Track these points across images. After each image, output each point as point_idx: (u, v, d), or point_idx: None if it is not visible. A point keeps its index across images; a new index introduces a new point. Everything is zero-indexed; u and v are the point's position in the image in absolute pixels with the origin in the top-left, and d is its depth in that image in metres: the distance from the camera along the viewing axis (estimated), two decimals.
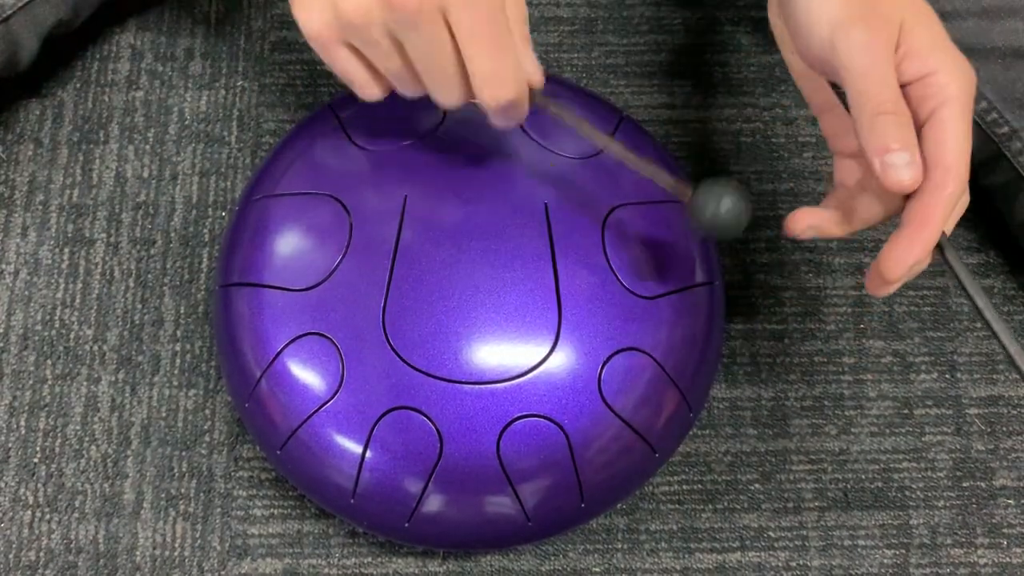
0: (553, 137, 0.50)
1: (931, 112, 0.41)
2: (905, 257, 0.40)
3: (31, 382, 0.59)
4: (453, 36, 0.39)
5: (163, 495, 0.57)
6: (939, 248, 0.42)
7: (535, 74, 0.42)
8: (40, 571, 0.55)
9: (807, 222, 0.44)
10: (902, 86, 0.41)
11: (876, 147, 0.40)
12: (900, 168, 0.40)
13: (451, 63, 0.40)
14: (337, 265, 0.47)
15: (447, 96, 0.41)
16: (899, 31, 0.41)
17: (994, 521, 0.58)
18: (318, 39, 0.40)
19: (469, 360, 0.45)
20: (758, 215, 0.64)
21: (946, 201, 0.40)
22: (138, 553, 0.56)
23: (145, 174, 0.63)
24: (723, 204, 0.41)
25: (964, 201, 0.42)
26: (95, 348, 0.59)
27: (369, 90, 0.43)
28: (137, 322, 0.60)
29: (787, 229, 0.44)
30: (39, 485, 0.57)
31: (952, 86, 0.41)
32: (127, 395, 0.58)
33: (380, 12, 0.38)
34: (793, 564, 0.56)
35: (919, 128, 0.41)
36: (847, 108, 0.42)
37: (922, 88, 0.41)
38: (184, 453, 0.57)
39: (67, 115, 0.64)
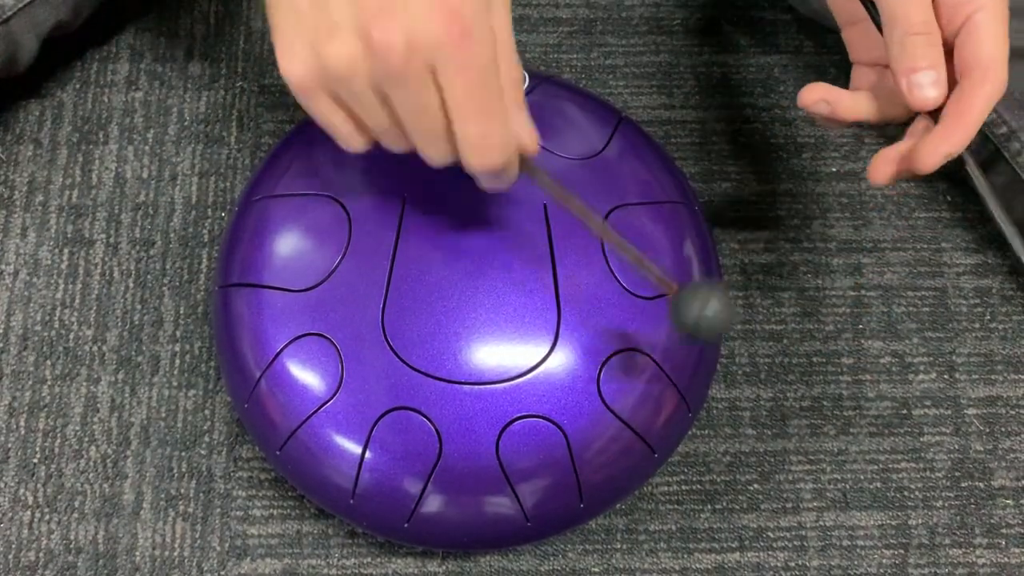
0: (553, 137, 0.50)
1: (966, 18, 0.42)
2: (941, 147, 0.43)
3: (31, 382, 0.59)
4: (443, 96, 0.36)
5: (163, 495, 0.57)
6: (961, 156, 0.44)
7: (528, 140, 0.40)
8: (40, 571, 0.55)
9: (820, 94, 0.46)
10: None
11: (904, 67, 0.43)
12: (926, 87, 0.42)
13: (438, 124, 0.37)
14: (336, 266, 0.47)
15: (434, 155, 0.39)
16: None
17: (992, 521, 0.58)
18: (300, 87, 0.37)
19: (468, 360, 0.45)
20: (758, 216, 0.64)
21: (984, 98, 0.42)
22: (138, 553, 0.56)
23: (144, 175, 0.63)
24: (708, 308, 0.40)
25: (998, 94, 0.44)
26: (95, 349, 0.59)
27: (352, 142, 0.41)
28: (137, 323, 0.60)
29: (800, 99, 0.46)
30: (39, 485, 0.57)
31: (988, 6, 0.42)
32: (127, 395, 0.58)
33: (365, 64, 0.36)
34: (792, 564, 0.56)
35: (955, 34, 0.43)
36: (875, 24, 0.44)
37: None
38: (184, 453, 0.57)
39: (67, 116, 0.64)
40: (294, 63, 0.37)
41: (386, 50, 0.35)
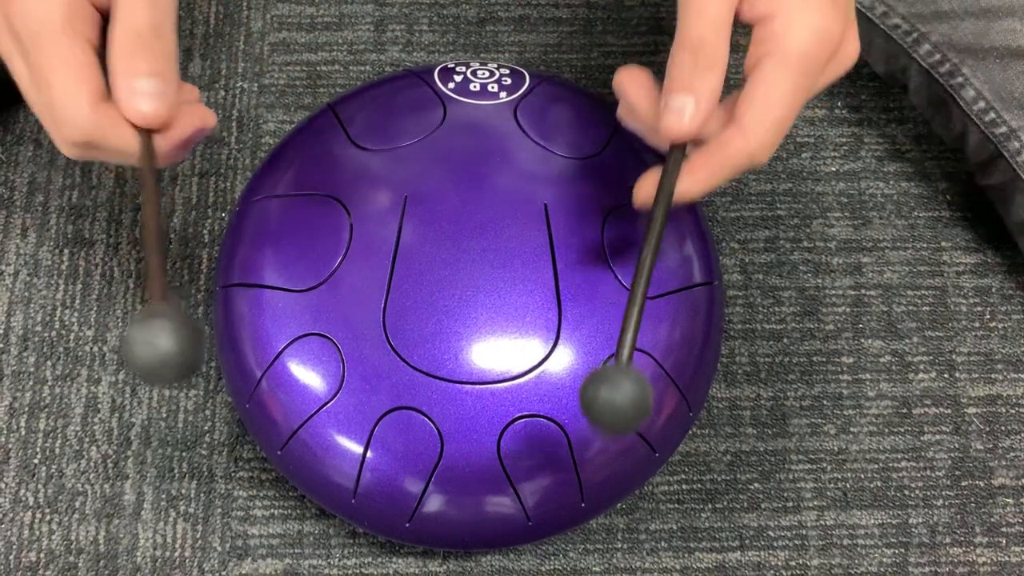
0: (553, 137, 0.50)
1: (757, 61, 0.36)
2: (684, 181, 0.37)
3: (31, 383, 0.59)
4: None
5: (163, 496, 0.57)
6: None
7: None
8: (41, 572, 0.55)
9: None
10: (746, 24, 0.37)
11: (666, 84, 0.36)
12: (673, 112, 0.36)
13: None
14: (337, 266, 0.47)
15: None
16: None
17: (993, 520, 0.58)
18: None
19: (469, 360, 0.45)
20: (757, 215, 0.64)
21: (733, 154, 0.36)
22: (138, 554, 0.56)
23: None
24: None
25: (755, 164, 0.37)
26: (95, 349, 0.59)
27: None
28: None
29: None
30: (39, 486, 0.57)
31: (787, 38, 0.36)
32: (127, 396, 0.58)
33: None
34: (792, 563, 0.56)
35: (750, 70, 0.37)
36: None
37: (760, 31, 0.36)
38: (184, 454, 0.57)
39: None
40: None
41: None
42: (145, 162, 0.37)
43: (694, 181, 0.37)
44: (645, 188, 0.40)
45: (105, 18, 0.38)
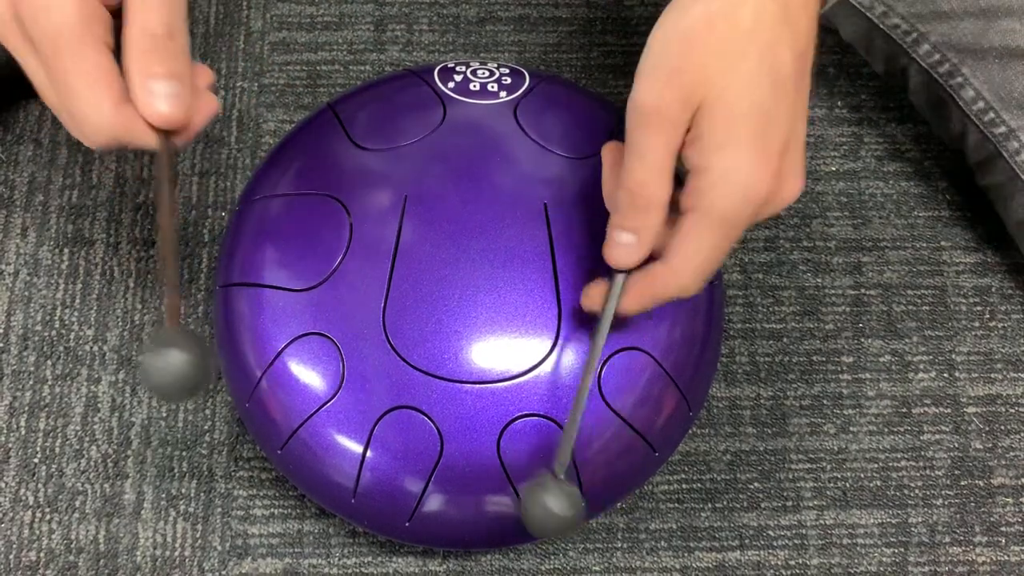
0: (553, 137, 0.50)
1: (687, 209, 0.39)
2: (593, 305, 0.43)
3: (31, 382, 0.59)
4: None
5: (163, 495, 0.57)
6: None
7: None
8: (41, 571, 0.55)
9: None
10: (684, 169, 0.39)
11: (612, 218, 0.40)
12: (616, 247, 0.40)
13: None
14: (337, 265, 0.47)
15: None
16: (696, 110, 0.38)
17: (992, 519, 0.58)
18: None
19: (469, 359, 0.45)
20: None
21: (656, 292, 0.41)
22: (139, 553, 0.56)
23: (144, 174, 0.63)
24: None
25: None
26: (95, 348, 0.59)
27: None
28: (137, 322, 0.60)
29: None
30: (39, 485, 0.57)
31: (713, 197, 0.38)
32: (127, 395, 0.58)
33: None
34: (792, 563, 0.56)
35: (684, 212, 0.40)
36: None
37: (692, 182, 0.39)
38: (184, 453, 0.57)
39: None
40: None
41: None
42: (163, 160, 0.38)
43: (629, 303, 0.42)
44: (592, 297, 0.43)
45: (114, 15, 0.38)
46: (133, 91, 0.37)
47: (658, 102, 0.38)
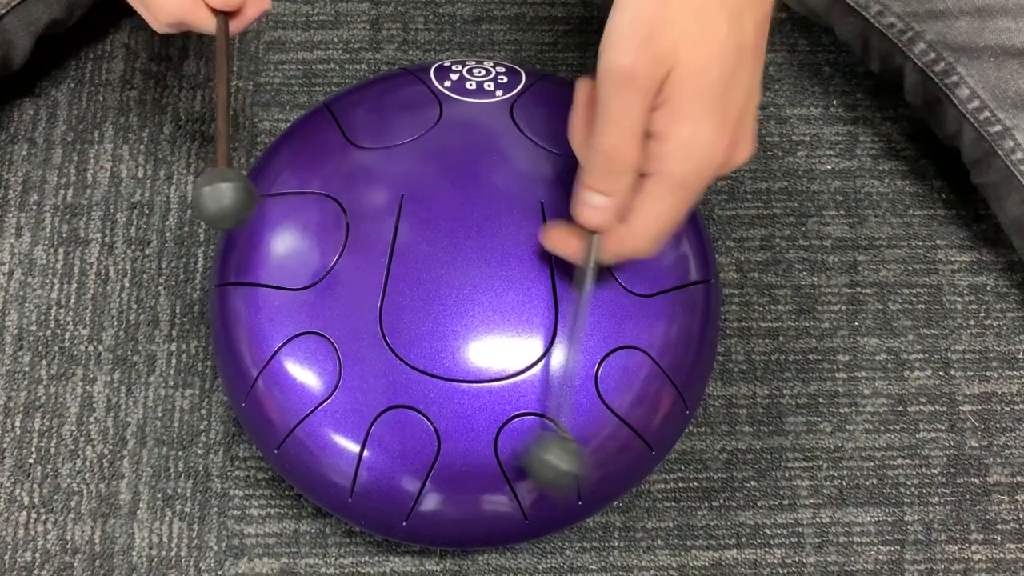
0: (549, 136, 0.50)
1: (648, 173, 0.40)
2: (558, 242, 0.44)
3: (26, 383, 0.58)
4: None
5: (159, 495, 0.57)
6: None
7: None
8: (36, 572, 0.55)
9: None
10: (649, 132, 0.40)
11: (584, 178, 0.41)
12: (583, 207, 0.41)
13: None
14: (334, 264, 0.47)
15: None
16: (666, 75, 0.38)
17: (988, 517, 0.58)
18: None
19: (466, 358, 0.45)
20: (753, 213, 0.64)
21: (616, 250, 0.42)
22: (134, 553, 0.56)
23: (140, 174, 0.63)
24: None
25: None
26: (90, 348, 0.59)
27: None
28: (132, 322, 0.60)
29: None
30: (35, 486, 0.57)
31: (671, 163, 0.39)
32: (123, 395, 0.58)
33: None
34: (789, 561, 0.57)
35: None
36: None
37: (653, 146, 0.39)
38: (180, 453, 0.57)
39: (61, 115, 0.64)
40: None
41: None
42: (221, 39, 0.46)
43: (589, 262, 0.43)
44: (555, 239, 0.45)
45: None
46: None
47: (633, 66, 0.38)
